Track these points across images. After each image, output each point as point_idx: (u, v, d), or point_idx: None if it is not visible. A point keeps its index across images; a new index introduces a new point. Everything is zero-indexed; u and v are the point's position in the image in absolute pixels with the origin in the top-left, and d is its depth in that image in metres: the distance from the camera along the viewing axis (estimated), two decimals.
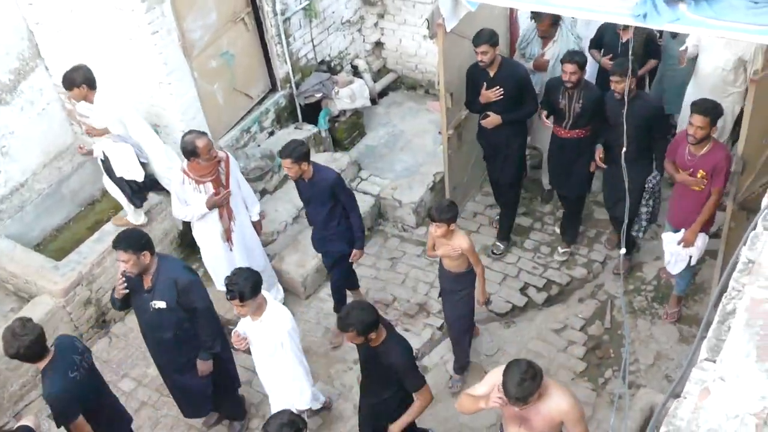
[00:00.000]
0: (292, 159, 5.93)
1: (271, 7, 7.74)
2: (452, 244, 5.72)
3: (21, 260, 7.02)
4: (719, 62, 6.63)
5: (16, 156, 7.40)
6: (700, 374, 2.27)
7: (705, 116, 5.55)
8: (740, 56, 6.48)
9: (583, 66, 6.44)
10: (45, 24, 7.07)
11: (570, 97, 6.57)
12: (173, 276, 5.29)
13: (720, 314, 2.45)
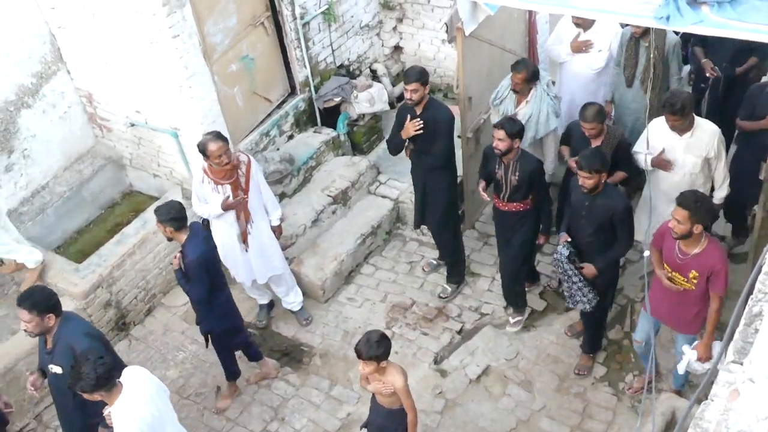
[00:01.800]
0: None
1: (290, 11, 7.76)
2: (384, 381, 5.05)
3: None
4: (687, 168, 6.06)
5: (37, 159, 7.46)
6: (728, 376, 2.25)
7: (685, 209, 4.94)
8: (705, 156, 6.00)
9: (515, 135, 5.97)
10: (67, 28, 7.13)
11: (506, 167, 6.14)
12: (71, 342, 5.00)
13: (747, 317, 2.43)
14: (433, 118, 6.44)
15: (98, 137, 7.99)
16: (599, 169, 5.56)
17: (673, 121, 5.93)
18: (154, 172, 7.90)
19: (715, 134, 5.98)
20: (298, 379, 6.76)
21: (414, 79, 6.32)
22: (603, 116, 6.27)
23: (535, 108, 6.68)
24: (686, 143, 6.03)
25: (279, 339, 7.16)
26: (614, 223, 5.73)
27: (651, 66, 6.56)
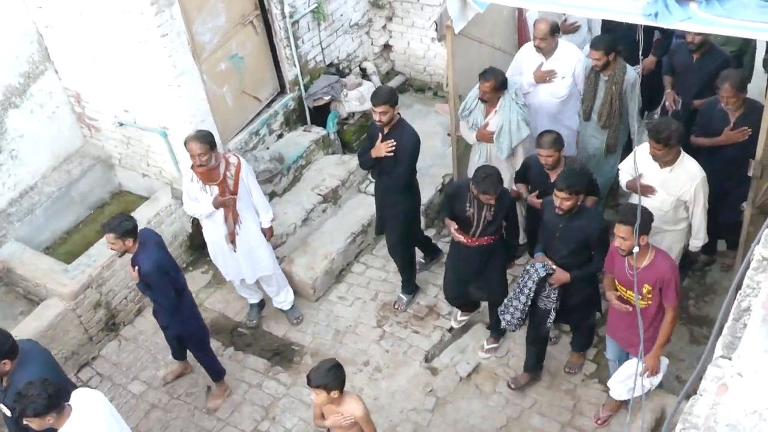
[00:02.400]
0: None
1: (279, 10, 7.75)
2: (342, 411, 4.86)
3: (31, 263, 7.04)
4: (655, 203, 5.77)
5: (25, 159, 7.42)
6: (716, 371, 2.26)
7: (628, 225, 4.82)
8: (678, 197, 5.74)
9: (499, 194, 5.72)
10: (55, 27, 7.09)
11: (479, 205, 5.87)
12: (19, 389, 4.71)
13: (735, 312, 2.43)
14: (399, 141, 6.32)
15: (87, 137, 7.95)
16: (580, 190, 5.38)
17: (655, 149, 5.62)
18: (144, 171, 7.88)
19: (695, 179, 5.65)
20: (288, 378, 6.75)
21: (382, 101, 6.19)
22: (560, 144, 5.99)
23: (505, 117, 6.47)
24: (663, 177, 5.76)
25: (270, 338, 7.15)
26: (590, 245, 5.58)
27: (609, 102, 6.44)
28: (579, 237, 5.54)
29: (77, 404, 4.58)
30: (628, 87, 6.45)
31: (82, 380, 6.90)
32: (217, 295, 7.54)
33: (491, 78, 6.36)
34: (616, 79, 6.41)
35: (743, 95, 5.97)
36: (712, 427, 1.94)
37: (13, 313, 7.10)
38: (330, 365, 4.77)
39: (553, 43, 6.75)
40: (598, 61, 6.36)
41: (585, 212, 5.58)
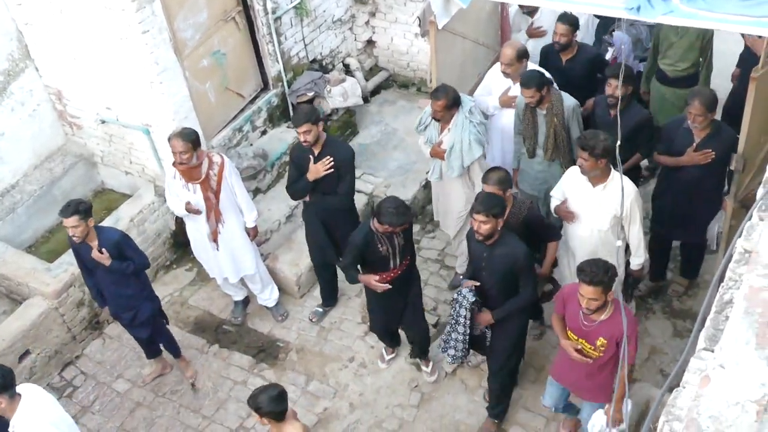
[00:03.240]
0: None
1: (261, 6, 7.72)
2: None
3: (13, 262, 6.99)
4: (595, 223, 5.67)
5: (6, 158, 7.36)
6: (699, 363, 2.27)
7: (597, 286, 4.55)
8: (615, 214, 5.56)
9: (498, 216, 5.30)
10: (35, 24, 7.03)
11: (390, 238, 5.63)
12: None
13: (717, 304, 2.45)
14: (335, 157, 6.14)
15: (68, 135, 7.89)
16: (497, 214, 5.13)
17: (583, 160, 5.41)
18: (126, 169, 7.83)
19: (629, 194, 5.44)
20: (274, 375, 6.73)
21: (303, 120, 5.99)
22: (507, 184, 5.63)
23: (457, 136, 6.26)
24: (598, 196, 5.58)
25: (255, 335, 7.13)
26: (516, 273, 5.34)
27: (552, 134, 6.17)
28: (504, 267, 5.31)
29: (26, 394, 4.70)
30: (569, 115, 6.19)
31: (66, 379, 6.87)
32: (202, 292, 7.51)
33: (442, 97, 6.13)
34: (555, 111, 6.12)
35: (711, 116, 5.80)
36: (695, 419, 1.95)
37: None
38: (276, 393, 4.54)
39: (521, 69, 6.50)
40: (531, 99, 6.07)
41: (508, 240, 5.30)
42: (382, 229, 5.49)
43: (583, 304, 4.65)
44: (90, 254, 5.81)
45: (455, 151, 6.30)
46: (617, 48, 7.50)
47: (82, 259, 6.01)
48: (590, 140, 5.35)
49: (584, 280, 4.55)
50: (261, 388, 4.70)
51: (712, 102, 5.74)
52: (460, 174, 6.39)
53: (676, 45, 7.08)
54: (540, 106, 6.15)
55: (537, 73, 6.21)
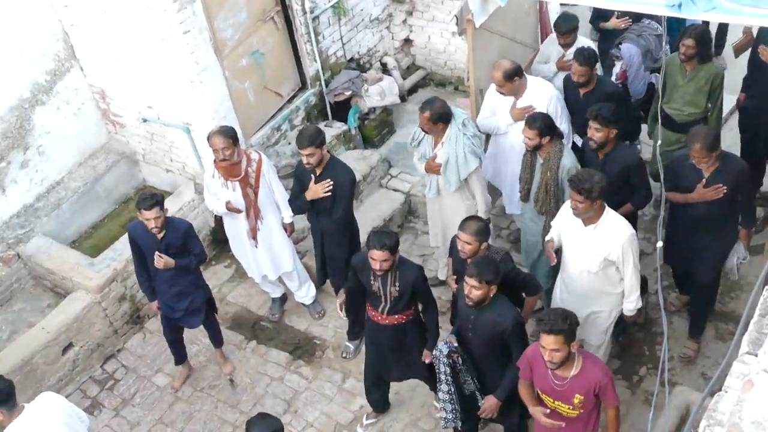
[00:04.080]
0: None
1: (300, 6, 7.77)
2: None
3: (57, 257, 7.14)
4: (584, 264, 5.38)
5: (52, 155, 7.51)
6: (742, 368, 2.25)
7: (558, 335, 4.32)
8: (605, 257, 5.25)
9: (395, 249, 5.21)
10: (80, 25, 7.16)
11: (383, 279, 5.36)
12: None
13: (761, 307, 2.43)
14: (334, 179, 6.11)
15: (111, 133, 8.03)
16: (491, 281, 4.81)
17: (576, 202, 5.11)
18: (167, 167, 7.94)
19: (622, 236, 5.16)
20: (310, 372, 6.79)
21: (307, 143, 5.92)
22: (484, 235, 5.29)
23: (451, 150, 6.14)
24: (589, 236, 5.27)
25: (292, 332, 7.18)
26: (504, 340, 5.00)
27: (544, 186, 5.87)
28: (491, 332, 4.98)
29: (33, 405, 4.73)
30: (564, 175, 5.77)
31: (108, 372, 7.00)
32: (240, 289, 7.59)
33: (426, 110, 6.03)
34: (551, 164, 5.81)
35: (715, 154, 5.52)
36: (737, 424, 1.94)
37: (40, 306, 7.21)
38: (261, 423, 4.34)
39: (516, 86, 6.31)
40: (530, 141, 5.77)
41: (498, 305, 4.95)
42: (370, 258, 5.24)
43: (546, 357, 4.38)
44: (156, 245, 5.93)
45: (451, 165, 6.19)
46: (627, 61, 7.22)
47: (143, 251, 6.07)
48: (585, 182, 5.00)
49: (543, 329, 4.32)
50: (258, 419, 4.42)
51: (713, 143, 5.44)
52: (457, 187, 6.30)
53: (682, 89, 6.57)
54: (539, 152, 5.87)
55: (543, 116, 5.89)
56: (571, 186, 5.11)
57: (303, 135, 6.03)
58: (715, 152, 5.49)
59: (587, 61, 6.42)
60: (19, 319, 7.10)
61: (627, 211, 5.84)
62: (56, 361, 6.65)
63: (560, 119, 6.45)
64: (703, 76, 6.46)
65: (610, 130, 5.76)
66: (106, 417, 6.68)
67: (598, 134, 5.77)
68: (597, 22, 7.85)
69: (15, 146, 7.15)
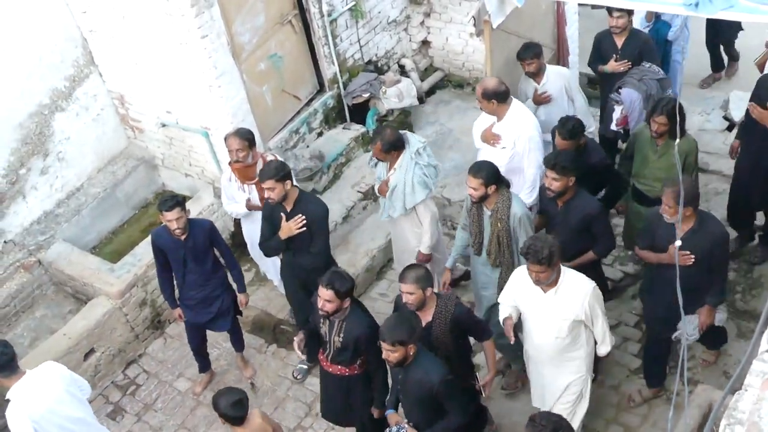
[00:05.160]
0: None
1: (317, 9, 7.79)
2: None
3: (78, 263, 7.19)
4: (551, 331, 5.05)
5: (71, 161, 7.57)
6: (761, 366, 2.22)
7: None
8: (574, 318, 4.95)
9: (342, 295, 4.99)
10: (98, 31, 7.22)
11: (331, 324, 5.19)
12: None
13: None
14: (306, 214, 5.82)
15: (130, 138, 8.09)
16: (404, 341, 4.57)
17: (537, 273, 4.80)
18: (186, 171, 7.98)
19: (586, 294, 4.91)
20: None
21: (267, 177, 5.65)
22: (427, 282, 4.97)
23: (400, 178, 6.05)
24: (551, 302, 4.96)
25: None
26: (436, 399, 4.76)
27: (496, 239, 5.57)
28: (419, 393, 4.76)
29: (35, 371, 4.95)
30: (515, 223, 5.51)
31: (130, 377, 7.04)
32: (260, 292, 7.60)
33: (377, 140, 5.99)
34: (500, 215, 5.48)
35: (690, 210, 5.09)
36: (756, 423, 1.91)
37: (62, 312, 7.27)
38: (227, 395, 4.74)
39: (494, 108, 6.21)
40: (474, 192, 5.43)
41: (423, 363, 4.72)
42: (318, 295, 5.08)
43: None
44: (181, 248, 5.94)
45: (397, 192, 6.12)
46: (628, 106, 6.86)
47: (168, 257, 6.08)
48: (543, 251, 4.66)
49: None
50: (224, 391, 4.82)
51: (687, 195, 4.88)
52: (402, 214, 6.24)
53: (653, 164, 6.10)
54: (485, 203, 5.55)
55: (488, 165, 5.54)
56: (529, 259, 4.74)
57: (265, 168, 5.77)
58: (687, 207, 5.02)
59: (570, 134, 5.98)
60: (41, 326, 7.16)
61: (588, 260, 5.71)
62: (78, 366, 6.69)
63: (528, 160, 6.23)
64: (678, 150, 5.82)
65: (569, 178, 5.47)
66: (128, 422, 6.72)
67: (556, 183, 5.47)
68: (596, 65, 7.38)
69: (35, 152, 7.22)
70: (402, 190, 6.11)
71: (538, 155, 6.24)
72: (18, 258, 7.22)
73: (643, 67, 6.96)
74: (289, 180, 5.74)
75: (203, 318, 6.37)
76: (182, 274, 6.13)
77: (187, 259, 6.03)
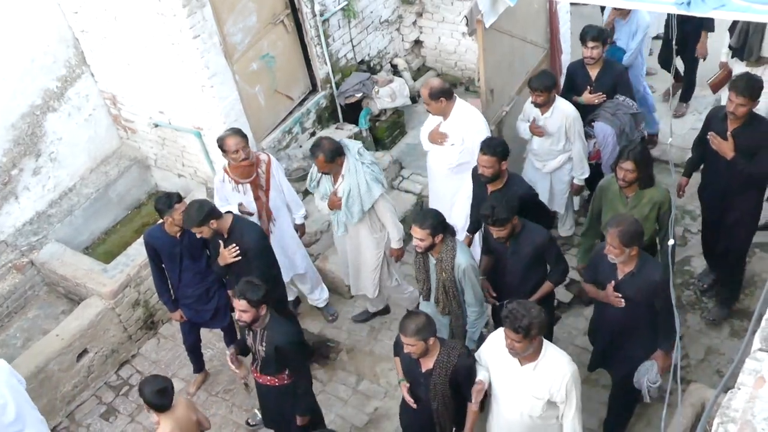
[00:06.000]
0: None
1: (309, 9, 7.78)
2: None
3: (71, 263, 7.17)
4: (524, 408, 4.67)
5: (64, 161, 7.55)
6: (754, 364, 2.23)
7: None
8: (549, 399, 4.58)
9: (256, 304, 4.99)
10: (90, 32, 7.20)
11: (254, 334, 5.23)
12: None
13: None
14: (240, 243, 5.73)
15: (123, 138, 8.07)
16: None
17: (513, 341, 4.43)
18: (179, 171, 7.97)
19: (565, 375, 4.52)
20: (325, 374, 6.78)
21: (190, 225, 5.59)
22: (427, 333, 4.70)
23: (353, 182, 5.99)
24: (527, 377, 4.60)
25: (306, 335, 7.15)
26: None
27: (442, 287, 5.40)
28: None
29: None
30: (460, 275, 5.31)
31: (123, 378, 7.02)
32: None
33: (318, 154, 5.87)
34: (444, 265, 5.30)
35: (631, 251, 4.86)
36: (750, 421, 1.92)
37: (54, 313, 7.26)
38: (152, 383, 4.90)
39: (442, 107, 6.21)
40: (421, 242, 5.19)
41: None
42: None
43: None
44: (176, 246, 5.96)
45: (353, 196, 6.04)
46: (601, 141, 6.69)
47: (162, 256, 6.08)
48: (521, 319, 4.32)
49: None
50: (150, 378, 5.03)
51: (632, 237, 4.78)
52: (360, 218, 6.16)
53: None
54: (431, 252, 5.32)
55: (434, 213, 5.34)
56: (506, 324, 4.41)
57: (185, 217, 5.66)
58: (630, 248, 4.82)
59: (493, 150, 5.66)
60: (34, 326, 7.15)
61: (547, 291, 5.57)
62: (71, 367, 6.68)
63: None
64: (647, 203, 5.63)
65: (512, 224, 5.24)
66: (121, 423, 6.71)
67: (502, 233, 5.26)
68: (569, 95, 7.00)
69: (27, 153, 7.20)
70: (357, 192, 6.04)
71: None
72: (10, 259, 7.21)
73: (618, 101, 6.75)
74: (212, 218, 5.57)
75: (203, 317, 6.39)
76: (178, 272, 6.13)
77: (183, 256, 6.04)
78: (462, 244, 5.50)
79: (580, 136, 6.70)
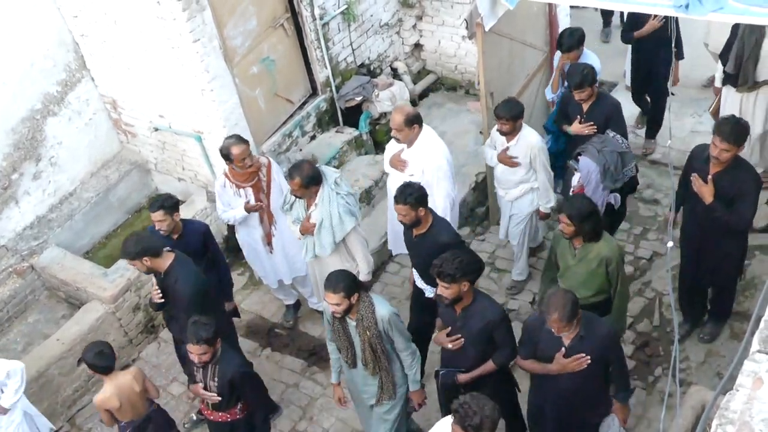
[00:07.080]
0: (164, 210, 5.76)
1: (309, 12, 7.79)
2: None
3: (71, 268, 7.18)
4: None
5: (64, 166, 7.56)
6: (753, 366, 2.23)
7: None
8: None
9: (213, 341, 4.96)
10: (90, 36, 7.22)
11: (204, 370, 5.14)
12: None
13: None
14: (172, 287, 5.54)
15: (123, 143, 8.08)
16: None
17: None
18: (179, 175, 7.98)
19: None
20: (325, 378, 6.77)
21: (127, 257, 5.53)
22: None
23: (325, 211, 5.86)
24: None
25: (306, 339, 7.19)
26: None
27: (369, 348, 5.14)
28: None
29: None
30: (386, 327, 5.10)
31: None
32: (254, 296, 7.60)
33: (296, 176, 5.74)
34: (366, 324, 5.05)
35: (576, 320, 4.67)
36: (748, 422, 1.92)
37: (55, 317, 7.26)
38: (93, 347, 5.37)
39: (411, 134, 6.09)
40: (338, 307, 4.91)
41: None
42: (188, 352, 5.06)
43: None
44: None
45: (325, 227, 5.91)
46: (584, 177, 6.29)
47: None
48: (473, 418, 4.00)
49: None
50: (90, 344, 5.45)
51: (572, 311, 4.58)
52: (333, 250, 6.02)
53: (573, 269, 5.53)
54: (349, 315, 5.05)
55: (345, 275, 5.06)
56: (455, 419, 4.11)
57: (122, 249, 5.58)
58: (575, 319, 4.65)
59: (404, 199, 5.38)
60: (34, 331, 7.15)
61: (488, 371, 5.14)
62: (72, 371, 6.68)
63: (437, 189, 6.05)
64: (594, 258, 5.40)
65: (461, 284, 4.84)
66: None
67: (448, 291, 4.86)
68: (560, 123, 6.86)
69: (27, 157, 7.21)
70: (329, 224, 5.90)
71: (446, 185, 6.16)
72: (11, 263, 7.22)
73: (607, 136, 6.39)
74: (146, 255, 5.42)
75: None
76: None
77: None
78: (377, 296, 5.28)
79: (545, 166, 6.53)
